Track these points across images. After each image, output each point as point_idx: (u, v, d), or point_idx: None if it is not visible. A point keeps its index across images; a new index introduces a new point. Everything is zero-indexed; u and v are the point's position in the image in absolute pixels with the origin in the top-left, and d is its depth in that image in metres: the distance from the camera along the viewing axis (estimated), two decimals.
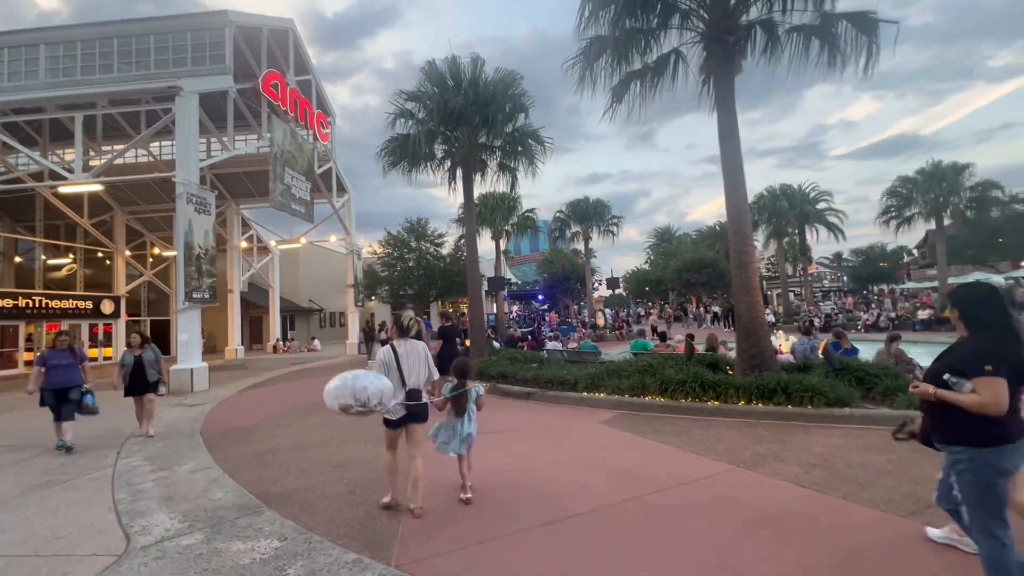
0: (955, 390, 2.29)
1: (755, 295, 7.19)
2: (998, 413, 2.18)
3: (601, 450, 5.38)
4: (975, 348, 2.33)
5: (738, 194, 7.36)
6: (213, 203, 13.34)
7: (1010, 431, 2.24)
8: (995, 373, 2.19)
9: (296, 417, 8.09)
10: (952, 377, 2.31)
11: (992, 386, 2.19)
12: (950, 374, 2.33)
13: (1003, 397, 2.17)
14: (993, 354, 2.23)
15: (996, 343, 2.28)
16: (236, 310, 23.85)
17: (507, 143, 12.80)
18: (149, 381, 7.18)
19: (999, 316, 2.32)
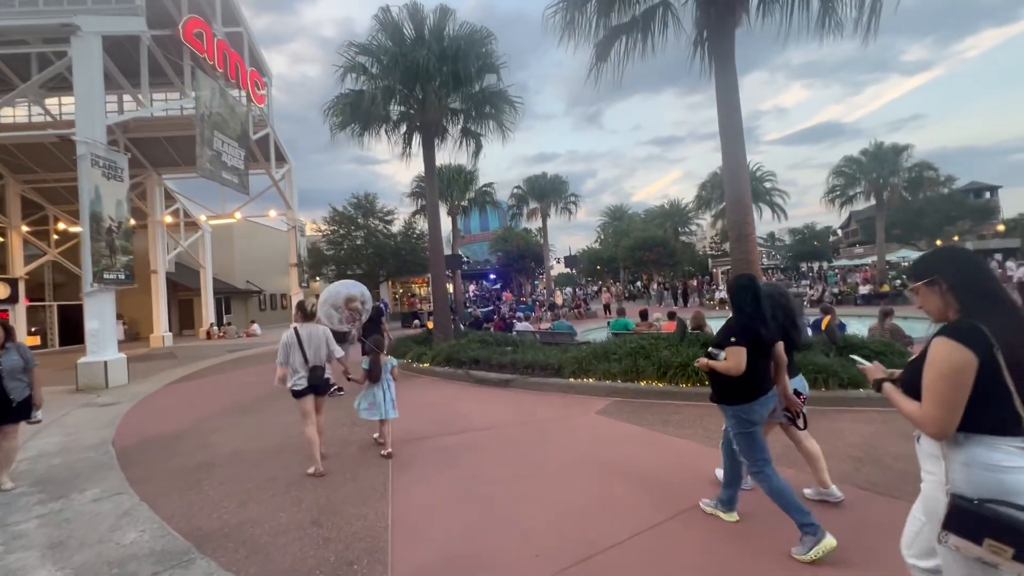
0: (716, 359, 2.90)
1: (755, 270, 6.67)
2: (737, 374, 2.78)
3: (612, 448, 4.65)
4: (730, 327, 2.97)
5: (737, 159, 6.76)
6: (126, 167, 11.38)
7: (754, 390, 2.86)
8: (737, 344, 2.81)
9: (235, 417, 6.87)
10: (714, 350, 2.95)
11: (734, 353, 2.80)
12: (714, 348, 2.97)
13: (741, 362, 2.76)
14: (740, 330, 2.85)
15: (746, 323, 2.88)
16: (162, 292, 21.42)
17: (473, 105, 11.64)
18: (11, 402, 4.38)
19: (751, 302, 2.91)
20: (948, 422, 1.52)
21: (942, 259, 1.70)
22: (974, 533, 1.44)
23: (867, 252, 50.98)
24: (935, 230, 39.87)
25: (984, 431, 1.52)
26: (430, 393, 7.77)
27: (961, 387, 1.50)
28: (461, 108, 12.06)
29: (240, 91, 17.91)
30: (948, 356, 1.52)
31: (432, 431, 5.57)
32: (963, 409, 1.51)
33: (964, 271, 1.63)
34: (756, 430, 2.87)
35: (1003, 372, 1.47)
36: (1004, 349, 1.48)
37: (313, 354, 4.47)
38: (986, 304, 1.57)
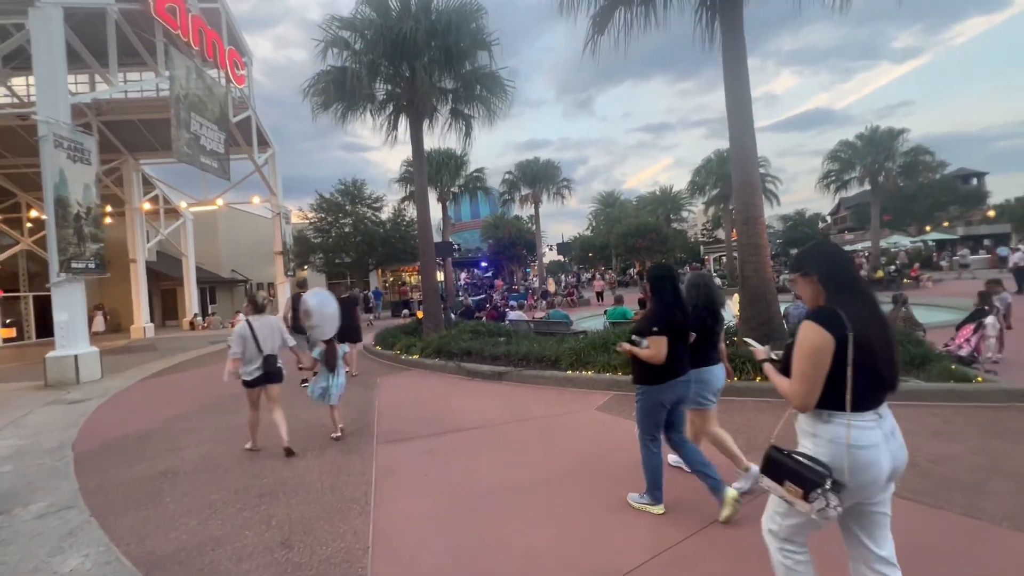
0: (639, 347, 3.00)
1: (764, 254, 6.29)
2: (659, 363, 2.94)
3: (618, 450, 4.25)
4: (650, 315, 3.10)
5: (745, 138, 6.32)
6: (94, 150, 10.70)
7: (666, 374, 3.00)
8: (659, 333, 2.93)
9: (210, 416, 6.40)
10: (636, 337, 3.06)
11: (656, 343, 2.93)
12: (635, 335, 3.08)
13: (662, 350, 2.91)
14: (660, 320, 2.97)
15: (664, 311, 3.02)
16: (142, 282, 20.69)
17: (463, 85, 11.06)
18: None
19: (670, 291, 3.06)
20: (809, 396, 1.68)
21: (816, 254, 1.86)
22: (777, 477, 1.70)
23: (858, 238, 51.09)
24: (926, 216, 39.95)
25: (842, 408, 1.67)
26: (419, 387, 7.35)
27: (819, 364, 1.65)
28: (451, 88, 11.48)
29: (218, 71, 17.09)
30: (810, 337, 1.67)
31: (420, 430, 5.15)
32: (821, 385, 1.66)
33: (832, 265, 1.79)
34: (662, 412, 3.09)
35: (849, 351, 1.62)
36: (857, 331, 1.64)
37: (266, 343, 4.69)
38: (847, 293, 1.73)
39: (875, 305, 1.75)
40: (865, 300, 1.73)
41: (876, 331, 1.68)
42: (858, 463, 1.63)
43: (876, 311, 1.74)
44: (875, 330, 1.68)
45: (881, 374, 1.69)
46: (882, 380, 1.70)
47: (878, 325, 1.70)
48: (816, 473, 1.63)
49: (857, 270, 1.86)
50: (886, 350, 1.69)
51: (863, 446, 1.64)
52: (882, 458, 1.66)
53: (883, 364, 1.68)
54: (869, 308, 1.72)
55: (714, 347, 3.49)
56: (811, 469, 1.64)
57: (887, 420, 1.73)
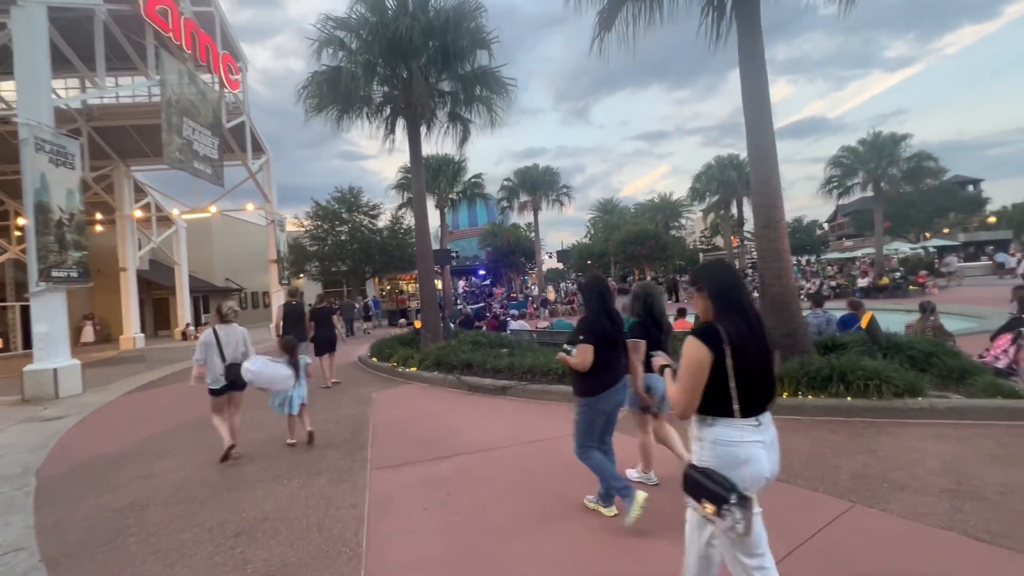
0: (569, 355, 3.19)
1: (786, 260, 5.89)
2: (583, 369, 3.11)
3: None
4: (578, 324, 3.28)
5: (765, 136, 5.95)
6: (78, 154, 10.27)
7: (601, 384, 3.15)
8: (584, 341, 3.10)
9: (190, 435, 5.94)
10: (567, 346, 3.23)
11: (581, 351, 3.10)
12: (567, 344, 3.24)
13: (587, 358, 3.07)
14: (587, 328, 3.16)
15: (591, 320, 3.19)
16: (132, 291, 20.17)
17: (462, 87, 10.71)
18: None
19: (597, 301, 3.22)
20: (688, 404, 1.82)
21: (709, 272, 2.00)
22: (695, 495, 1.76)
23: (857, 245, 50.93)
24: (926, 222, 39.75)
25: (727, 415, 1.79)
26: (417, 402, 6.89)
27: (698, 376, 1.77)
28: (450, 91, 11.13)
29: (212, 76, 16.75)
30: (691, 351, 1.80)
31: (419, 453, 4.70)
32: (700, 395, 1.78)
33: (721, 284, 1.91)
34: (597, 420, 3.21)
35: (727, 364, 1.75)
36: (734, 346, 1.76)
37: (230, 353, 4.88)
38: (731, 311, 1.85)
39: (756, 323, 1.87)
40: (746, 318, 1.85)
41: (753, 347, 1.81)
42: (734, 460, 1.75)
43: (756, 329, 1.85)
44: (752, 346, 1.80)
45: (758, 386, 1.82)
46: (759, 391, 1.83)
47: (756, 342, 1.82)
48: (723, 488, 1.70)
49: (744, 290, 1.96)
50: (762, 364, 1.83)
51: (737, 444, 1.77)
52: (763, 457, 1.78)
53: (759, 377, 1.82)
54: (749, 325, 1.83)
55: None
56: (719, 485, 1.71)
57: (768, 429, 1.85)
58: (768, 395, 1.87)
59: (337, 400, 7.34)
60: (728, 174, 26.80)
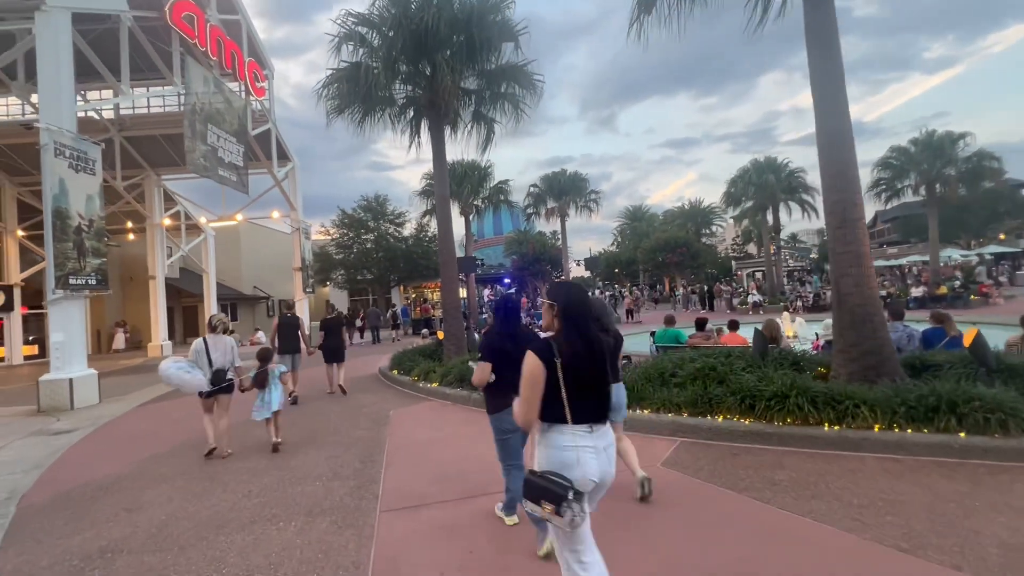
0: None
1: (867, 265, 5.02)
2: (480, 385, 3.21)
3: (706, 537, 3.05)
4: (480, 342, 3.64)
5: (839, 119, 5.12)
6: (98, 159, 10.10)
7: (504, 402, 3.07)
8: (483, 359, 3.19)
9: (190, 457, 5.41)
10: (472, 363, 3.48)
11: (478, 368, 3.18)
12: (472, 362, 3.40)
13: (484, 376, 3.15)
14: (486, 346, 3.27)
15: (492, 339, 3.31)
16: (160, 299, 20.31)
17: (488, 84, 10.16)
18: None
19: (501, 319, 3.40)
20: (526, 415, 2.00)
21: (561, 290, 2.19)
22: (535, 498, 1.88)
23: (901, 252, 48.33)
24: (980, 227, 37.24)
25: (561, 421, 1.97)
26: (438, 423, 6.23)
27: (534, 387, 1.96)
28: (474, 89, 10.59)
29: (238, 83, 16.73)
30: (528, 365, 1.98)
31: (437, 492, 4.02)
32: (538, 404, 1.97)
33: (569, 303, 2.11)
34: (509, 437, 3.27)
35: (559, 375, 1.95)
36: (565, 360, 1.96)
37: (218, 359, 5.31)
38: (573, 328, 2.05)
39: (594, 341, 2.05)
40: (586, 336, 2.04)
41: (588, 362, 2.00)
42: (566, 461, 1.92)
43: (592, 346, 2.03)
44: (587, 361, 2.00)
45: (591, 397, 2.01)
46: (592, 401, 2.01)
47: (592, 357, 2.01)
48: (560, 487, 1.83)
49: (590, 310, 2.16)
50: (595, 378, 2.02)
51: (567, 448, 1.93)
52: (591, 461, 1.94)
53: (593, 389, 2.02)
54: (587, 342, 2.02)
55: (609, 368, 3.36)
56: (557, 484, 1.85)
57: (603, 436, 2.02)
58: (603, 405, 2.05)
59: (352, 419, 6.75)
60: (766, 177, 25.49)
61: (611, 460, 2.03)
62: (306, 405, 8.01)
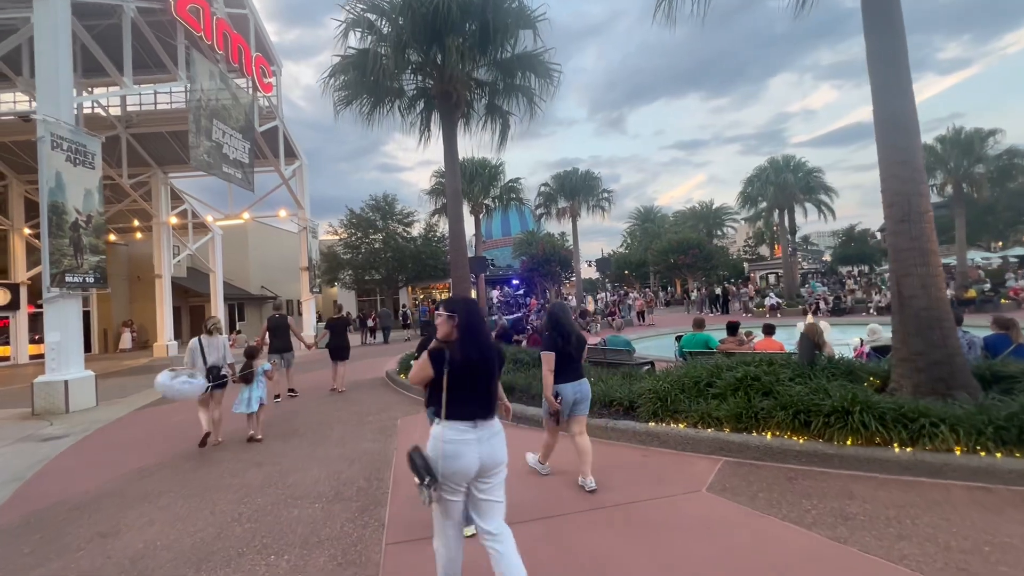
0: None
1: (935, 263, 4.45)
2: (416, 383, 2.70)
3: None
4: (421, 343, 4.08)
5: (901, 99, 4.56)
6: (98, 152, 9.74)
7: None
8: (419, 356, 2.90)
9: (179, 473, 4.95)
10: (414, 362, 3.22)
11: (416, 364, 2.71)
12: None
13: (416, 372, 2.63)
14: (426, 345, 2.90)
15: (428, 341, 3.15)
16: (166, 298, 20.01)
17: (501, 74, 9.67)
18: None
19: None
20: (415, 376, 2.46)
21: (459, 305, 2.49)
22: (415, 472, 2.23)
23: None
24: (1004, 229, 36.15)
25: (450, 417, 2.32)
26: None
27: (423, 371, 2.39)
28: (488, 80, 10.12)
29: (245, 78, 16.39)
30: (422, 361, 2.39)
31: None
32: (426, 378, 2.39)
33: (470, 316, 2.44)
34: None
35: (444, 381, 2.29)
36: (454, 367, 2.29)
37: (212, 357, 5.80)
38: (466, 338, 2.37)
39: (484, 349, 2.40)
40: (476, 344, 2.39)
41: (480, 369, 2.36)
42: (444, 454, 2.26)
43: (484, 354, 2.39)
44: (479, 368, 2.35)
45: (476, 397, 2.35)
46: (478, 402, 2.36)
47: (482, 364, 2.37)
48: (421, 473, 2.20)
49: (483, 322, 2.52)
50: (483, 381, 2.38)
51: (450, 441, 2.28)
52: (468, 453, 2.27)
53: (480, 391, 2.36)
54: (479, 351, 2.37)
55: (574, 366, 3.99)
56: (421, 469, 2.21)
57: (485, 429, 2.35)
58: (489, 404, 2.41)
59: (356, 430, 6.26)
60: (784, 176, 24.75)
61: (495, 448, 2.36)
62: (311, 410, 7.58)
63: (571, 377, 3.96)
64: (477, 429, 2.32)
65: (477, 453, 2.29)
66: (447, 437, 2.29)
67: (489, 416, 2.38)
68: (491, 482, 2.38)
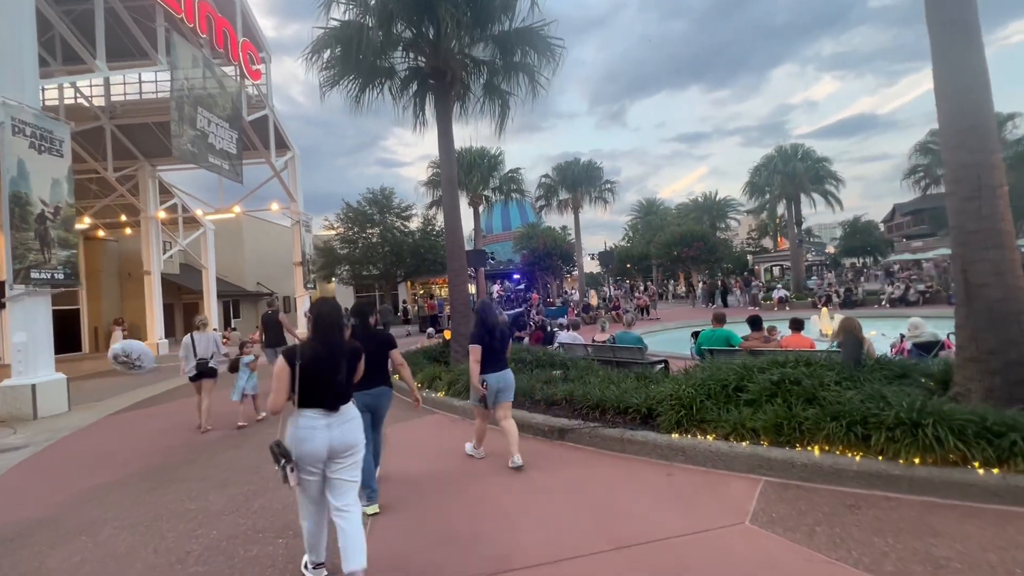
0: None
1: (1011, 246, 3.79)
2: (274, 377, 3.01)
3: None
4: None
5: (968, 54, 3.88)
6: (67, 139, 9.06)
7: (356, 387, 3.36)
8: None
9: (134, 493, 4.31)
10: None
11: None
12: None
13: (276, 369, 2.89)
14: None
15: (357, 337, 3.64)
16: (156, 296, 19.40)
17: (499, 51, 8.97)
18: None
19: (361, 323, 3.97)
20: (276, 403, 2.56)
21: (315, 306, 2.83)
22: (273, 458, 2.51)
23: (927, 245, 46.51)
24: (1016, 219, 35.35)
25: (302, 406, 2.59)
26: (444, 448, 5.08)
27: (282, 381, 2.54)
28: (485, 59, 9.41)
29: (232, 64, 15.67)
30: (278, 364, 2.59)
31: (440, 563, 2.87)
32: (286, 395, 2.55)
33: (320, 316, 2.74)
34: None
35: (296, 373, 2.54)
36: (304, 362, 2.57)
37: (201, 351, 6.51)
38: (317, 336, 2.70)
39: (334, 346, 2.68)
40: (326, 343, 2.67)
41: (318, 365, 2.60)
42: (296, 437, 2.55)
43: (332, 350, 2.66)
44: (325, 364, 2.62)
45: (327, 391, 2.61)
46: (328, 394, 2.61)
47: (329, 360, 2.63)
48: (278, 457, 2.49)
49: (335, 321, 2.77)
50: (330, 374, 2.62)
51: (300, 427, 2.56)
52: (315, 437, 2.54)
53: (327, 385, 2.61)
54: (327, 348, 2.65)
55: (497, 358, 4.39)
56: (278, 453, 2.49)
57: (335, 417, 2.61)
58: (338, 394, 2.65)
59: None
60: (793, 165, 24.00)
61: (346, 433, 2.64)
62: None
63: (496, 368, 4.35)
64: (328, 417, 2.60)
65: (327, 438, 2.57)
66: (299, 424, 2.58)
67: (338, 405, 2.65)
68: (343, 463, 2.65)
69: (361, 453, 2.73)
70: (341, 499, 2.61)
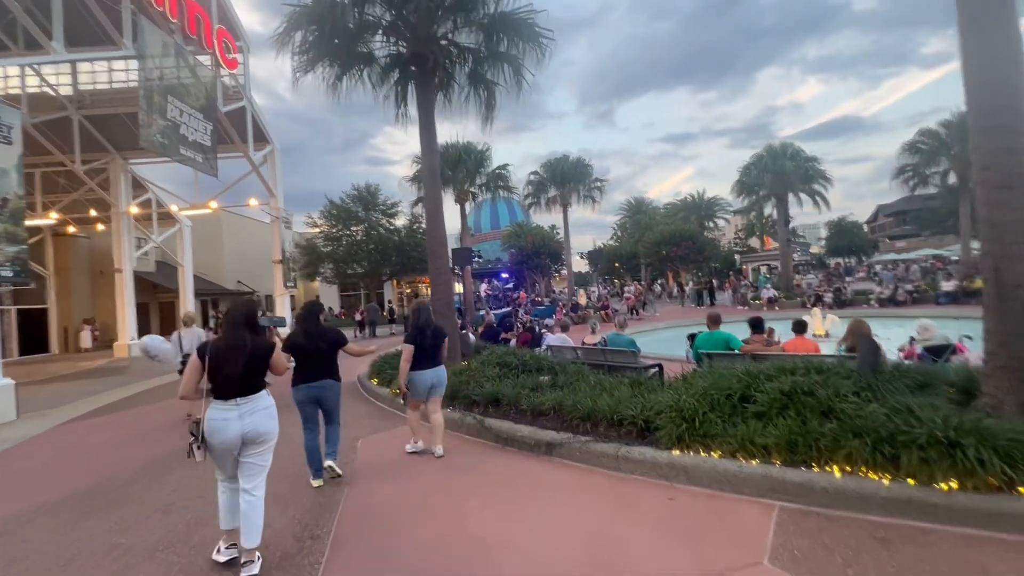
0: None
1: None
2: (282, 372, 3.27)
3: None
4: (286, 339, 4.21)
5: (1003, 30, 3.49)
6: (17, 125, 8.38)
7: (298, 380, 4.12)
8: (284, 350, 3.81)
9: (59, 524, 3.76)
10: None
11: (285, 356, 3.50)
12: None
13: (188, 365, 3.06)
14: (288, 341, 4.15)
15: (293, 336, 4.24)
16: (128, 294, 18.54)
17: (484, 37, 8.48)
18: None
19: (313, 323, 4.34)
20: (184, 389, 2.85)
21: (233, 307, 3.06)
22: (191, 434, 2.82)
23: (911, 246, 47.00)
24: None
25: (214, 397, 2.83)
26: (417, 465, 4.59)
27: (193, 374, 2.83)
28: (470, 47, 8.92)
29: (206, 54, 14.95)
30: (191, 359, 2.86)
31: None
32: (192, 385, 2.84)
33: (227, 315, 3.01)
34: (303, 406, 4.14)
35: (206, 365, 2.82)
36: (211, 356, 2.81)
37: (187, 346, 6.77)
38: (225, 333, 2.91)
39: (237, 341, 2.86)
40: (228, 339, 2.86)
41: (223, 358, 2.81)
42: (210, 428, 2.77)
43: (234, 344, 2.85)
44: (228, 357, 2.81)
45: (231, 382, 2.81)
46: (233, 385, 2.81)
47: (231, 355, 2.82)
48: (192, 433, 2.79)
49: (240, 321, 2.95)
50: (234, 368, 2.80)
51: (211, 419, 2.78)
52: (228, 428, 2.76)
53: (232, 375, 2.80)
54: (228, 343, 2.84)
55: (429, 357, 4.69)
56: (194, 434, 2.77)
57: (244, 407, 2.82)
58: (245, 386, 2.85)
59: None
60: (783, 163, 23.84)
61: (258, 422, 2.85)
62: None
63: (430, 365, 4.67)
64: (238, 407, 2.80)
65: (239, 428, 2.78)
66: (210, 416, 2.79)
67: (245, 395, 2.83)
68: (256, 449, 2.87)
69: (273, 441, 2.95)
70: (249, 481, 2.85)
